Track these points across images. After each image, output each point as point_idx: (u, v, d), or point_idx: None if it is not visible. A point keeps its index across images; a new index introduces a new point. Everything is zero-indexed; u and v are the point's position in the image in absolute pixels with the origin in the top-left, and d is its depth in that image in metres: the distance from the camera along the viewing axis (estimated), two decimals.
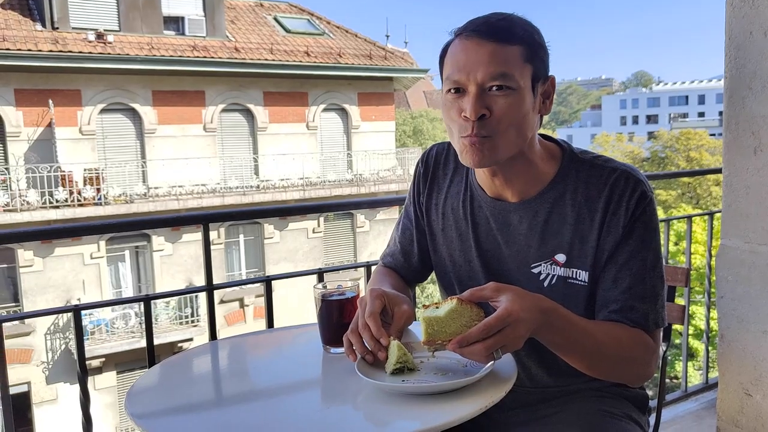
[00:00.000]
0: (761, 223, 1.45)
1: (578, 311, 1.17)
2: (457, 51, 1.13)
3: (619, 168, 1.17)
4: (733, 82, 1.47)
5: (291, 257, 14.38)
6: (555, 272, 1.19)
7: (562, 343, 1.07)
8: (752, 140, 1.45)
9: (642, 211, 1.14)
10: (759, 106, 1.43)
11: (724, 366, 1.57)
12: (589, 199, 1.17)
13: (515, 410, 1.28)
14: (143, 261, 13.27)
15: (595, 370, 1.13)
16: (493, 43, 1.10)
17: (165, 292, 7.15)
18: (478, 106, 1.10)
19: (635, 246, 1.14)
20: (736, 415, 1.53)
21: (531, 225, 1.21)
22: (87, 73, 12.36)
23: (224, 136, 14.07)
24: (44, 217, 11.70)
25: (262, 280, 2.02)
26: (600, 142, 38.91)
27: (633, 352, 1.13)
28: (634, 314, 1.13)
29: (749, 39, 1.43)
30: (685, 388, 2.82)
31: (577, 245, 1.17)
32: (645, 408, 1.33)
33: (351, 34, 16.32)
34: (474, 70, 1.10)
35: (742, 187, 1.48)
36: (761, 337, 1.47)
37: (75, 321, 1.73)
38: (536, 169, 1.20)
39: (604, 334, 1.12)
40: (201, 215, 1.90)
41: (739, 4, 1.44)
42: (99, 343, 12.17)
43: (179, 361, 1.35)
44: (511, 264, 1.23)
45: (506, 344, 0.99)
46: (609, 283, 1.15)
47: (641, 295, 1.14)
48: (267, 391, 1.15)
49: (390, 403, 1.00)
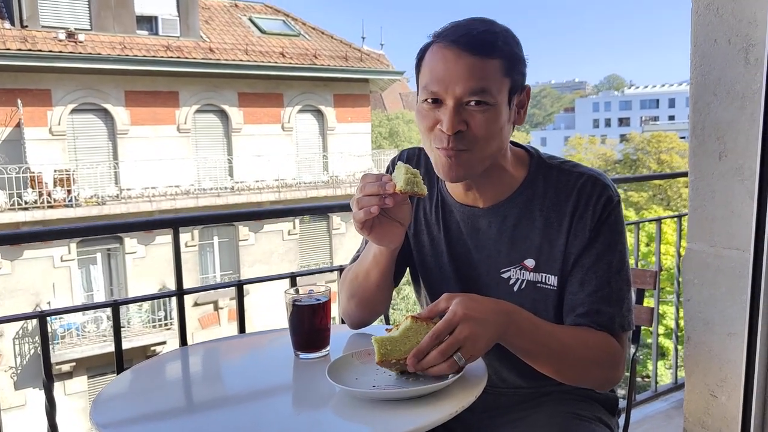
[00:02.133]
0: (726, 227, 1.48)
1: (548, 315, 1.18)
2: (435, 60, 1.11)
3: (586, 173, 1.19)
4: (699, 89, 1.50)
5: (266, 259, 14.29)
6: (524, 277, 1.20)
7: (529, 347, 1.08)
8: (717, 145, 1.48)
9: (608, 215, 1.15)
10: (724, 112, 1.46)
11: (690, 368, 1.60)
12: (556, 204, 1.18)
13: (487, 413, 1.29)
14: (115, 263, 13.07)
15: (563, 374, 1.14)
16: (473, 57, 1.08)
17: (134, 297, 7.05)
18: (455, 121, 1.09)
19: (601, 249, 1.15)
20: (703, 416, 1.56)
21: (500, 230, 1.21)
22: (57, 72, 12.13)
23: (198, 137, 13.93)
24: (12, 219, 11.46)
25: (234, 284, 2.00)
26: (573, 145, 39.40)
27: (599, 355, 1.13)
28: (601, 317, 1.14)
29: (714, 46, 1.46)
30: (654, 389, 2.87)
31: (546, 250, 1.18)
32: (615, 410, 1.35)
33: (327, 35, 16.29)
34: (452, 84, 1.08)
35: (707, 191, 1.51)
36: (726, 339, 1.50)
37: (41, 328, 1.70)
38: (507, 175, 1.21)
39: (570, 337, 1.13)
40: (171, 219, 1.87)
41: (704, 12, 1.47)
42: (70, 348, 11.95)
43: (148, 368, 1.33)
44: (481, 269, 1.24)
45: (462, 346, 0.98)
46: (576, 287, 1.16)
47: (607, 298, 1.14)
48: (237, 398, 1.14)
49: (360, 408, 1.00)
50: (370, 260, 1.26)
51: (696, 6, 1.49)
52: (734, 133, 1.45)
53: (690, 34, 1.51)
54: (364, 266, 1.29)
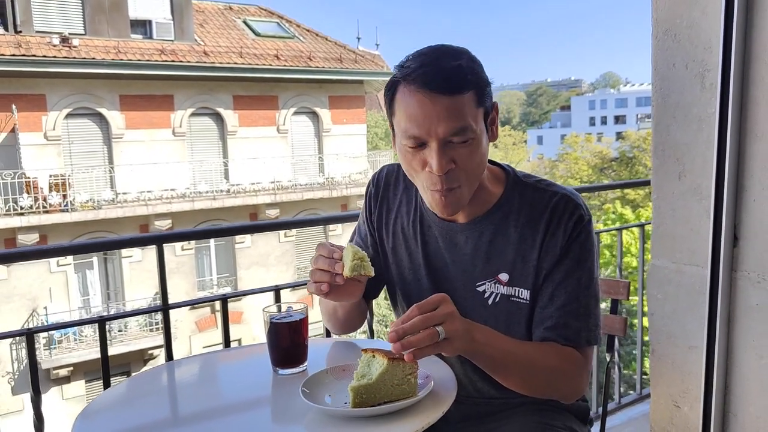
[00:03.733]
0: (686, 243, 1.54)
1: (520, 329, 1.23)
2: (410, 104, 1.12)
3: (560, 192, 1.23)
4: (659, 111, 1.55)
5: (263, 262, 14.33)
6: (498, 290, 1.24)
7: (495, 355, 1.10)
8: (677, 166, 1.53)
9: (578, 233, 1.20)
10: (682, 134, 1.51)
11: (655, 379, 1.65)
12: (531, 221, 1.22)
13: (462, 422, 1.32)
14: (112, 268, 13.10)
15: (528, 387, 1.18)
16: (448, 98, 1.09)
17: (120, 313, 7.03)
18: (443, 161, 1.12)
19: (571, 266, 1.20)
20: (667, 426, 1.61)
21: (476, 245, 1.25)
22: (52, 77, 12.17)
23: (194, 141, 13.96)
24: (8, 224, 11.49)
25: (218, 298, 2.04)
26: (569, 143, 39.39)
27: (564, 368, 1.17)
28: (567, 331, 1.18)
29: (672, 70, 1.52)
30: (639, 392, 2.92)
31: (519, 264, 1.22)
32: (586, 419, 1.39)
33: (321, 37, 16.32)
34: (434, 126, 1.10)
35: (668, 209, 1.56)
36: (688, 352, 1.56)
37: (28, 345, 1.75)
38: (485, 192, 1.25)
39: (534, 351, 1.17)
40: (155, 236, 1.92)
41: (663, 37, 1.52)
42: (67, 352, 11.98)
43: (133, 384, 1.39)
44: (458, 282, 1.27)
45: (444, 321, 1.00)
46: (545, 301, 1.20)
47: (575, 313, 1.19)
48: (217, 412, 1.19)
49: (334, 425, 1.04)
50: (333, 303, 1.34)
51: (655, 31, 1.54)
52: (692, 155, 1.50)
53: (651, 58, 1.57)
54: (330, 305, 1.37)
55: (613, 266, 12.41)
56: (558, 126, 69.76)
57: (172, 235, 1.92)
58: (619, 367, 3.06)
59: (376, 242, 1.40)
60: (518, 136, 59.75)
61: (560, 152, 40.59)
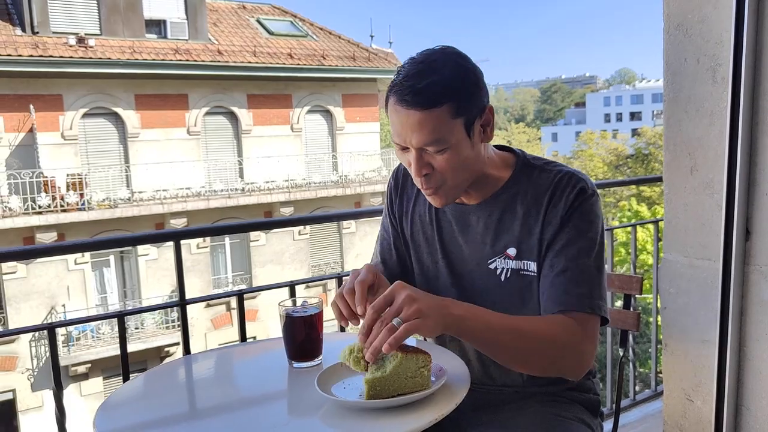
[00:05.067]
0: (698, 238, 1.54)
1: (533, 301, 1.25)
2: (392, 114, 1.20)
3: (565, 170, 1.27)
4: (671, 106, 1.56)
5: (277, 259, 14.40)
6: (508, 266, 1.28)
7: (483, 332, 1.11)
8: (689, 161, 1.54)
9: (579, 203, 1.22)
10: (694, 129, 1.51)
11: (668, 373, 1.66)
12: (535, 197, 1.26)
13: (475, 411, 1.35)
14: (128, 266, 13.23)
15: (525, 364, 1.17)
16: (420, 112, 1.15)
17: (137, 308, 7.16)
18: (419, 166, 1.20)
19: (571, 234, 1.22)
20: (680, 420, 1.62)
21: (486, 224, 1.30)
22: (68, 77, 12.30)
23: (208, 139, 14.05)
24: (27, 223, 11.65)
25: (234, 293, 2.07)
26: (584, 140, 39.12)
27: (562, 340, 1.15)
28: (567, 297, 1.18)
29: (684, 65, 1.52)
30: (654, 388, 2.91)
31: (525, 238, 1.26)
32: (597, 412, 1.40)
33: (334, 35, 16.34)
34: (408, 137, 1.18)
35: (680, 204, 1.57)
36: (701, 346, 1.56)
37: (50, 339, 1.78)
38: (491, 177, 1.29)
39: (525, 323, 1.16)
40: (172, 232, 1.95)
41: (674, 32, 1.53)
42: (85, 349, 12.14)
43: (151, 377, 1.40)
44: (472, 262, 1.32)
45: (400, 311, 1.03)
46: (547, 269, 1.22)
47: (575, 280, 1.19)
48: (234, 405, 1.21)
49: (349, 417, 1.06)
50: None
51: (667, 25, 1.55)
52: (704, 149, 1.51)
53: (662, 53, 1.57)
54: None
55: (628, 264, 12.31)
56: (572, 123, 69.25)
57: (189, 232, 1.95)
58: (633, 363, 3.05)
59: (398, 233, 1.45)
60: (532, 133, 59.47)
61: (575, 149, 40.34)
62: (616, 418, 1.63)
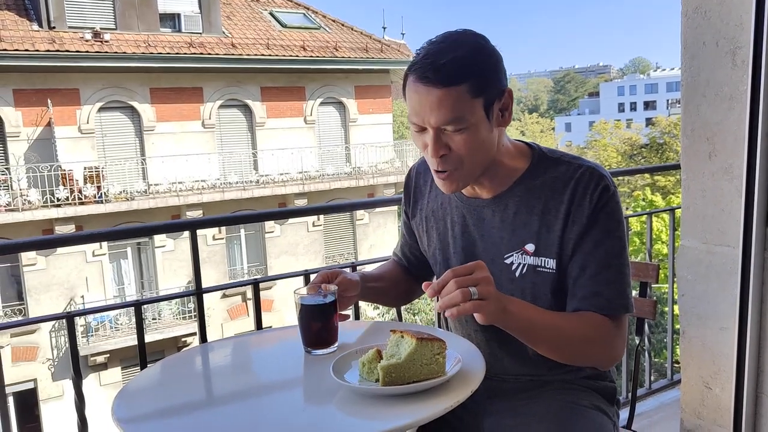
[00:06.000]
0: (717, 224, 1.52)
1: (546, 297, 1.25)
2: (411, 93, 1.19)
3: (585, 164, 1.25)
4: (689, 90, 1.53)
5: (292, 251, 14.47)
6: (525, 261, 1.26)
7: (527, 324, 1.13)
8: (707, 146, 1.52)
9: (605, 203, 1.21)
10: (712, 113, 1.49)
11: (686, 361, 1.64)
12: (555, 192, 1.24)
13: (490, 399, 1.34)
14: (145, 257, 13.37)
15: (561, 357, 1.21)
16: (440, 89, 1.14)
17: (154, 297, 7.24)
18: (437, 146, 1.19)
19: (600, 236, 1.21)
20: (698, 407, 1.60)
21: (502, 218, 1.28)
22: (85, 71, 12.41)
23: (223, 132, 14.12)
24: (46, 216, 11.80)
25: (250, 282, 2.08)
26: (598, 130, 38.77)
27: (597, 337, 1.20)
28: (600, 299, 1.20)
29: (702, 48, 1.50)
30: (670, 377, 2.89)
31: (544, 234, 1.24)
32: (613, 399, 1.39)
33: (347, 27, 16.31)
34: (427, 116, 1.17)
35: (698, 190, 1.55)
36: (719, 333, 1.55)
37: (69, 328, 1.81)
38: (506, 167, 1.28)
39: (566, 322, 1.19)
40: (188, 222, 1.97)
41: (693, 15, 1.50)
42: (103, 340, 12.29)
43: (168, 365, 1.41)
44: (486, 257, 1.29)
45: (478, 284, 1.05)
46: (577, 271, 1.22)
47: (607, 281, 1.20)
48: (250, 392, 1.22)
49: (363, 404, 1.06)
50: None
51: (685, 8, 1.52)
52: (723, 134, 1.48)
53: (680, 36, 1.54)
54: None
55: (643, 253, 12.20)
56: (586, 113, 68.61)
57: (206, 221, 1.96)
58: (648, 352, 3.03)
59: (411, 229, 1.49)
60: (546, 124, 59.02)
61: (589, 139, 40.01)
62: (632, 407, 1.62)
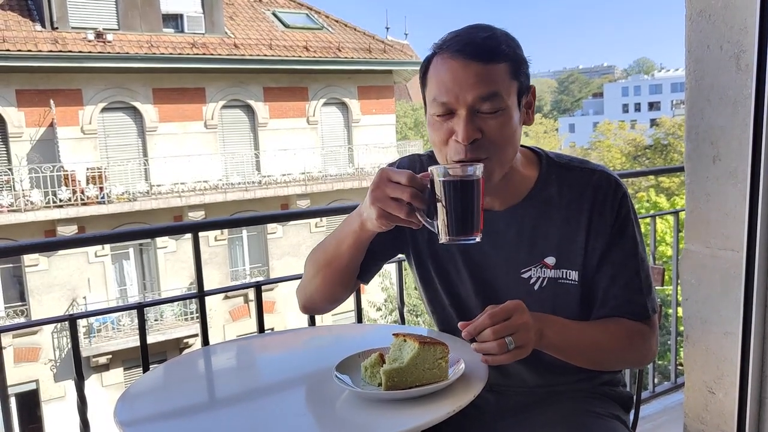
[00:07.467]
0: (721, 228, 1.52)
1: (570, 311, 1.22)
2: (442, 71, 1.11)
3: (597, 169, 1.24)
4: (693, 94, 1.53)
5: (294, 252, 14.46)
6: (545, 275, 1.22)
7: (563, 344, 1.13)
8: (711, 150, 1.51)
9: (627, 211, 1.22)
10: (717, 118, 1.49)
11: (689, 365, 1.64)
12: (573, 201, 1.21)
13: (501, 413, 1.30)
14: (147, 258, 13.38)
15: (598, 366, 1.24)
16: (479, 64, 1.08)
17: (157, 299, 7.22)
18: (470, 129, 1.09)
19: (628, 244, 1.21)
20: (701, 412, 1.60)
21: (519, 230, 1.23)
22: (87, 72, 12.43)
23: (225, 133, 14.13)
24: (48, 216, 11.82)
25: (252, 285, 2.08)
26: (602, 131, 38.71)
27: (632, 342, 1.20)
28: (634, 307, 1.21)
29: (707, 52, 1.49)
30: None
31: (566, 246, 1.21)
32: (630, 407, 1.38)
33: (350, 27, 16.31)
34: (463, 92, 1.09)
35: (702, 194, 1.54)
36: (723, 338, 1.54)
37: (71, 330, 1.81)
38: (519, 174, 1.23)
39: (602, 334, 1.19)
40: (191, 224, 1.96)
41: (697, 18, 1.50)
42: (106, 341, 12.31)
43: (170, 367, 1.41)
44: (499, 270, 1.25)
45: (516, 331, 1.00)
46: (607, 281, 1.21)
47: (638, 288, 1.21)
48: (253, 395, 1.22)
49: (366, 408, 1.06)
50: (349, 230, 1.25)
51: (689, 12, 1.52)
52: (727, 138, 1.48)
53: (684, 40, 1.54)
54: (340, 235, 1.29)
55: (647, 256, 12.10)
56: (590, 113, 68.52)
57: (208, 224, 1.96)
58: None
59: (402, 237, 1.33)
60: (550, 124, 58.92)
61: (592, 140, 39.96)
62: (636, 411, 1.61)
